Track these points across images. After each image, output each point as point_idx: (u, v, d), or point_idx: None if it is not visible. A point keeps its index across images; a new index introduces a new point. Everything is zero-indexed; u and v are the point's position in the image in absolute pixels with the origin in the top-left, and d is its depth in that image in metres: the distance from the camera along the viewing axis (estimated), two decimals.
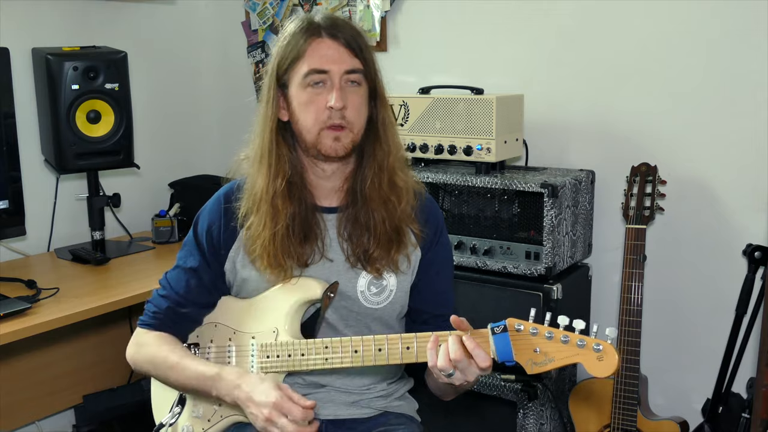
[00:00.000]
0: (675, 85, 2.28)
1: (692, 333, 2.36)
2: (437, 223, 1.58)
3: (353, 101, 1.43)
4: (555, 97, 2.48)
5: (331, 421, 1.57)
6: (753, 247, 2.11)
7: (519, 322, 1.27)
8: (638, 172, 2.15)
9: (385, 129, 1.49)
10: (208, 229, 1.53)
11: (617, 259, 2.36)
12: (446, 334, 1.33)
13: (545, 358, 1.24)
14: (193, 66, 3.19)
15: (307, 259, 1.49)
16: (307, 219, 1.48)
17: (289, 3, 2.98)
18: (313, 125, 1.43)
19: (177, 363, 1.48)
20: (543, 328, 1.25)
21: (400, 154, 1.53)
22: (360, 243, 1.49)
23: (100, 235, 2.61)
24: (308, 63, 1.41)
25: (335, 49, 1.42)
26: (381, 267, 1.49)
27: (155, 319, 1.55)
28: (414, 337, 1.37)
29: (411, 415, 1.66)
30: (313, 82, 1.42)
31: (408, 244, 1.52)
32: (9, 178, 2.29)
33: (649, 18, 2.29)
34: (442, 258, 1.59)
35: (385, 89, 1.51)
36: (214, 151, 3.25)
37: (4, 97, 2.27)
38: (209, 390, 1.43)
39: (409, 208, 1.51)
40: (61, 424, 2.69)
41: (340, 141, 1.43)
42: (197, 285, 1.54)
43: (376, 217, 1.48)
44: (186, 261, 1.55)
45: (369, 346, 1.39)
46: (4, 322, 1.91)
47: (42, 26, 2.60)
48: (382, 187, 1.48)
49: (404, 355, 1.37)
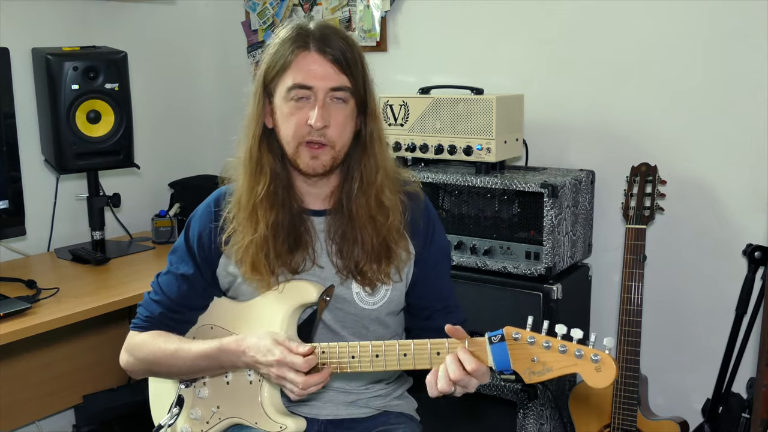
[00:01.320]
0: (675, 85, 2.28)
1: (692, 333, 2.36)
2: (431, 226, 1.56)
3: (336, 119, 1.40)
4: (555, 97, 2.48)
5: (330, 421, 1.57)
6: (753, 247, 2.11)
7: (516, 331, 1.25)
8: (638, 172, 2.15)
9: (372, 144, 1.47)
10: (200, 235, 1.53)
11: (617, 259, 2.36)
12: (443, 342, 1.31)
13: (543, 367, 1.23)
14: (193, 66, 3.19)
15: (297, 267, 1.48)
16: (295, 225, 1.47)
17: (289, 3, 2.98)
18: (292, 139, 1.41)
19: (176, 349, 1.47)
20: (541, 338, 1.24)
21: (389, 170, 1.50)
22: (351, 257, 1.47)
23: (100, 235, 2.61)
24: (293, 77, 1.39)
25: (321, 65, 1.39)
26: (373, 279, 1.48)
27: (148, 322, 1.54)
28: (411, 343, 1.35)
29: (410, 414, 1.66)
30: (296, 97, 1.39)
31: (398, 258, 1.50)
32: (9, 178, 2.29)
33: (649, 18, 2.29)
34: (437, 255, 1.58)
35: (377, 103, 1.48)
36: (214, 151, 3.25)
37: (4, 97, 2.27)
38: (217, 364, 1.44)
39: (398, 225, 1.49)
40: (61, 424, 2.69)
41: (318, 159, 1.41)
42: (189, 290, 1.53)
43: (364, 234, 1.46)
44: (178, 267, 1.54)
45: (366, 352, 1.37)
46: (4, 322, 1.92)
47: (42, 26, 2.60)
48: (369, 204, 1.46)
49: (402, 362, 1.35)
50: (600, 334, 1.23)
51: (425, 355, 1.33)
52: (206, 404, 1.54)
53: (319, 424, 1.57)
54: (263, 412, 1.48)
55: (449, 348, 1.31)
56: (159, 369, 1.53)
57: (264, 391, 1.48)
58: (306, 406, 1.57)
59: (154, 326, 1.54)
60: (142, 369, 1.55)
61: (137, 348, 1.53)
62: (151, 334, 1.53)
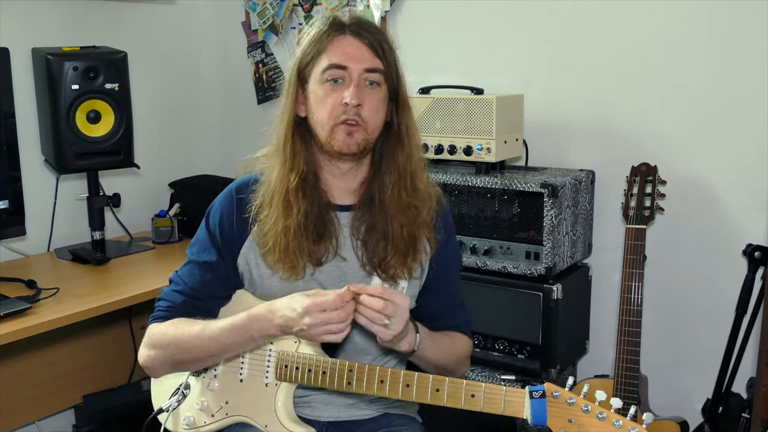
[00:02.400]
0: (675, 85, 2.28)
1: (692, 333, 2.36)
2: (449, 226, 1.60)
3: (370, 101, 1.42)
4: (555, 97, 2.48)
5: (332, 423, 1.57)
6: (753, 247, 2.11)
7: (556, 389, 1.25)
8: (638, 172, 2.15)
9: (408, 134, 1.49)
10: (221, 221, 1.52)
11: (617, 259, 2.36)
12: (479, 386, 1.32)
13: (578, 429, 1.23)
14: (193, 66, 3.19)
15: (321, 257, 1.48)
16: (321, 217, 1.47)
17: (289, 3, 2.98)
18: (328, 120, 1.42)
19: (202, 330, 1.43)
20: (580, 400, 1.24)
21: (422, 160, 1.53)
22: (376, 251, 1.48)
23: (100, 235, 2.61)
24: (328, 58, 1.42)
25: (357, 47, 1.42)
26: (396, 274, 1.49)
27: (169, 312, 1.51)
28: (446, 381, 1.33)
29: (412, 415, 1.66)
30: (331, 78, 1.41)
31: (423, 251, 1.52)
32: (9, 178, 2.29)
33: (649, 18, 2.28)
34: (452, 257, 1.61)
35: (408, 95, 1.50)
36: (215, 151, 3.25)
37: (4, 97, 2.27)
38: (248, 336, 1.39)
39: (430, 215, 1.51)
40: (61, 424, 2.69)
41: (352, 137, 1.42)
42: (213, 278, 1.52)
43: (394, 226, 1.47)
44: (199, 255, 1.53)
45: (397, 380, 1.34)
46: (4, 322, 1.92)
47: (42, 26, 2.60)
48: (401, 194, 1.47)
49: (432, 397, 1.33)
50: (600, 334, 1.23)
51: (459, 395, 1.33)
52: (215, 397, 1.51)
53: (320, 426, 1.56)
54: (275, 416, 1.46)
55: (485, 392, 1.31)
56: (184, 356, 1.46)
57: (280, 395, 1.46)
58: (307, 407, 1.56)
59: (176, 314, 1.50)
60: (165, 360, 1.48)
61: (158, 338, 1.48)
62: (172, 322, 1.48)
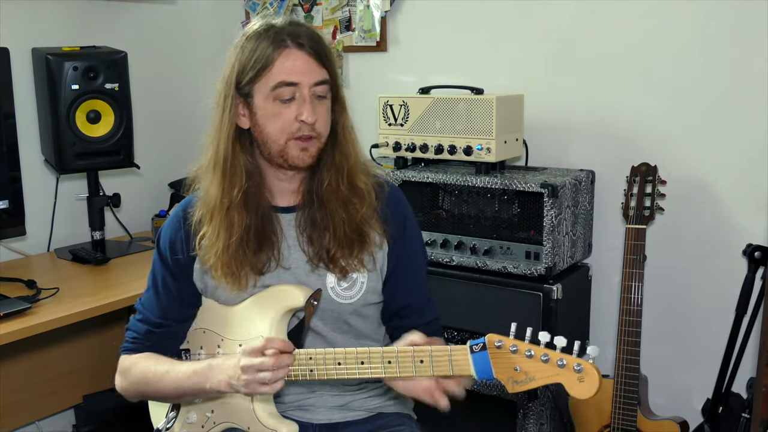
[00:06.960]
0: (675, 85, 2.28)
1: (692, 333, 2.36)
2: (403, 215, 1.56)
3: (321, 113, 1.42)
4: (555, 97, 2.48)
5: (325, 425, 1.55)
6: (753, 247, 2.11)
7: (499, 339, 1.21)
8: (638, 172, 2.15)
9: (345, 134, 1.49)
10: (171, 244, 1.52)
11: (617, 259, 2.36)
12: (426, 351, 1.27)
13: (525, 377, 1.19)
14: (193, 66, 3.19)
15: (262, 268, 1.47)
16: (263, 227, 1.46)
17: (289, 3, 2.98)
18: (281, 136, 1.41)
19: (167, 371, 1.44)
20: (523, 346, 1.20)
21: (360, 157, 1.52)
22: (321, 244, 1.47)
23: (100, 235, 2.61)
24: (277, 75, 1.39)
25: (303, 60, 1.39)
26: (346, 266, 1.47)
27: (136, 344, 1.53)
28: (396, 351, 1.30)
29: (408, 413, 1.64)
30: (282, 96, 1.39)
31: (372, 244, 1.49)
32: (9, 178, 2.29)
33: (649, 18, 2.28)
34: (412, 247, 1.57)
35: (344, 93, 1.50)
36: None
37: (4, 97, 2.27)
38: (202, 384, 1.38)
39: (372, 210, 1.49)
40: (61, 424, 2.69)
41: (307, 151, 1.42)
42: (172, 302, 1.52)
43: (335, 219, 1.46)
44: (155, 281, 1.54)
45: (351, 358, 1.32)
46: (4, 322, 1.92)
47: (42, 26, 2.60)
48: (340, 189, 1.46)
49: (386, 369, 1.31)
50: (600, 334, 1.21)
51: (409, 364, 1.29)
52: (201, 409, 1.53)
53: (313, 428, 1.55)
54: (255, 417, 1.46)
55: (433, 354, 1.27)
56: (152, 393, 1.50)
57: (256, 396, 1.46)
58: (299, 410, 1.55)
59: (142, 345, 1.52)
60: (137, 393, 1.52)
61: (129, 372, 1.51)
62: (143, 356, 1.51)
